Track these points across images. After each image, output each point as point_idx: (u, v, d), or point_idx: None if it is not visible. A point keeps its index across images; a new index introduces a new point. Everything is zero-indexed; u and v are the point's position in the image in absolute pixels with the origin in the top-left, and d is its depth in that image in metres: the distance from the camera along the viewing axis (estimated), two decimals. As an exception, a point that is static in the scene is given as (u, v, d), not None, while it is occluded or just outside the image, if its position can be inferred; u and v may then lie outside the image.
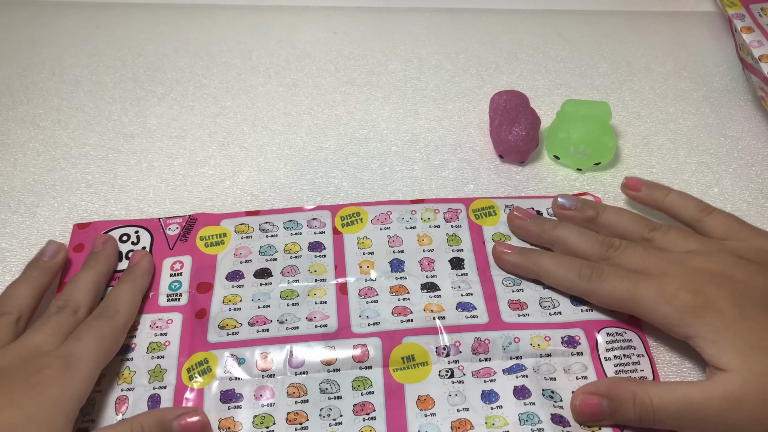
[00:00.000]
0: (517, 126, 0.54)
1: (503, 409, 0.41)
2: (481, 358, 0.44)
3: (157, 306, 0.46)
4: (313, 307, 0.46)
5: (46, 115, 0.60)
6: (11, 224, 0.52)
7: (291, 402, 0.42)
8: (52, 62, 0.65)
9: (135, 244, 0.49)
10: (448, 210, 0.51)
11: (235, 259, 0.49)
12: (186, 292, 0.47)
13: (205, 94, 0.62)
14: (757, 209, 0.54)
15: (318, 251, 0.49)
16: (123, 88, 0.63)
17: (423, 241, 0.49)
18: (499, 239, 0.50)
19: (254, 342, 0.45)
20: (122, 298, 0.44)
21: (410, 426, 0.41)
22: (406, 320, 0.45)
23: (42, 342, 0.40)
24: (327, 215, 0.51)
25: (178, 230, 0.50)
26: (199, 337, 0.45)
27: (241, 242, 0.49)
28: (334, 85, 0.63)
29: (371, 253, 0.49)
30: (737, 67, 0.65)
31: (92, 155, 0.57)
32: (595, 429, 0.41)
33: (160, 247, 0.49)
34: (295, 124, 0.60)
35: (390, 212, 0.51)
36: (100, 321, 0.42)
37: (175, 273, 0.48)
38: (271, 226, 0.50)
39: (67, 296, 0.44)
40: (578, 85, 0.64)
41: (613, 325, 0.45)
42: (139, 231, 0.50)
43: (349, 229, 0.50)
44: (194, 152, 0.57)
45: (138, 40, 0.68)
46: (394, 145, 0.58)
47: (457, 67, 0.65)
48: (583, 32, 0.69)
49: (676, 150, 0.58)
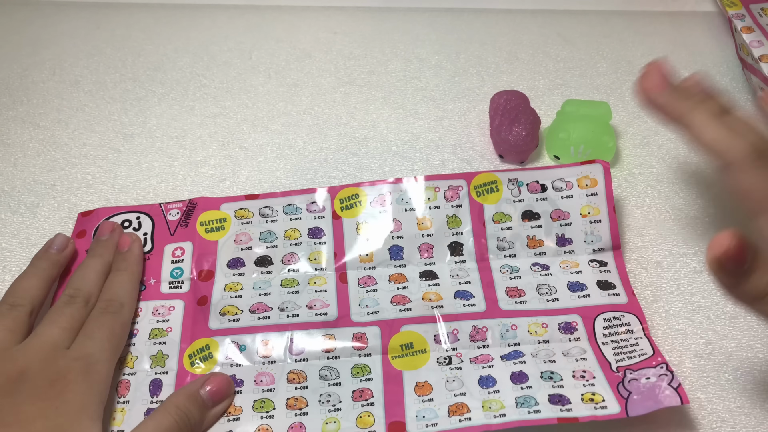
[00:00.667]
0: (517, 126, 0.54)
1: (500, 393, 0.41)
2: (479, 345, 0.44)
3: (159, 293, 0.47)
4: (314, 295, 0.47)
5: (46, 115, 0.60)
6: (11, 224, 0.52)
7: (291, 388, 0.43)
8: (52, 62, 0.65)
9: (137, 230, 0.49)
10: (449, 188, 0.50)
11: (236, 246, 0.49)
12: (188, 279, 0.47)
13: (205, 94, 0.62)
14: (757, 209, 0.54)
15: (318, 237, 0.49)
16: (123, 88, 0.63)
17: (423, 225, 0.49)
18: (501, 219, 0.49)
19: (255, 329, 0.45)
20: (124, 289, 0.45)
21: (408, 411, 0.41)
22: (405, 309, 0.46)
23: (58, 337, 0.40)
24: (326, 197, 0.50)
25: (179, 215, 0.50)
26: (200, 324, 0.45)
27: (242, 228, 0.49)
28: (334, 85, 0.63)
29: (369, 239, 0.49)
30: (737, 67, 0.65)
31: (92, 155, 0.57)
32: (598, 399, 0.40)
33: (161, 233, 0.49)
34: (295, 124, 0.60)
35: (389, 193, 0.50)
36: (108, 317, 0.42)
37: (176, 260, 0.48)
38: (270, 211, 0.50)
39: (77, 285, 0.44)
40: (578, 85, 0.64)
41: (611, 310, 0.46)
42: (141, 217, 0.50)
43: (348, 212, 0.49)
44: (194, 152, 0.57)
45: (138, 40, 0.68)
46: (394, 145, 0.58)
47: (457, 67, 0.65)
48: (583, 32, 0.69)
49: (676, 150, 0.58)
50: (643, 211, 0.53)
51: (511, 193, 0.49)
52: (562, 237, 0.49)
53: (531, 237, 0.49)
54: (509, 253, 0.49)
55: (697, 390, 0.44)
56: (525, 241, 0.49)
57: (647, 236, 0.52)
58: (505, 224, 0.49)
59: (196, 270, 0.48)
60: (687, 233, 0.52)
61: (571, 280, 0.47)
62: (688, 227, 0.52)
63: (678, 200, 0.54)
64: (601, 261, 0.48)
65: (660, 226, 0.52)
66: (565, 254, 0.49)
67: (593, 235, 0.48)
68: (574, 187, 0.49)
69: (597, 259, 0.48)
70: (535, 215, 0.49)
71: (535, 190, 0.49)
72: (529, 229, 0.49)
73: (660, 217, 0.53)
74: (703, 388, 0.44)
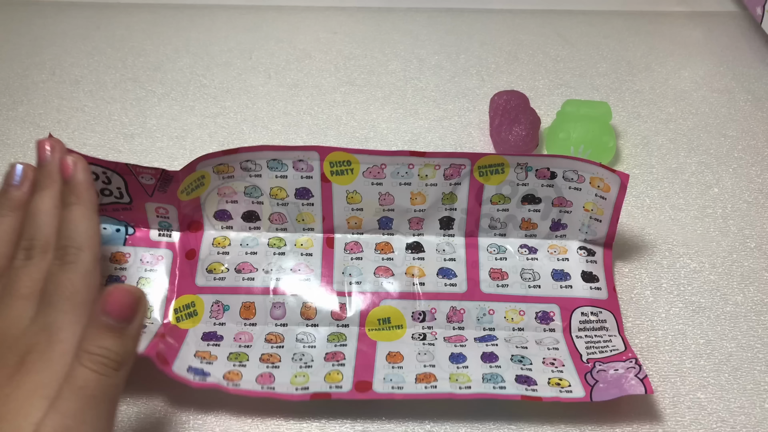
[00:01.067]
0: (517, 126, 0.54)
1: (469, 369, 0.42)
2: (455, 326, 0.45)
3: (148, 240, 0.47)
4: (299, 258, 0.47)
5: (46, 115, 0.60)
6: (11, 224, 0.52)
7: (267, 346, 0.44)
8: (52, 62, 0.65)
9: (107, 183, 0.45)
10: (450, 166, 0.47)
11: (220, 198, 0.48)
12: (177, 230, 0.48)
13: (205, 94, 0.62)
14: (757, 209, 0.54)
15: (306, 198, 0.48)
16: (123, 88, 0.63)
17: (416, 200, 0.48)
18: (499, 201, 0.48)
19: (239, 290, 0.46)
20: (79, 229, 0.37)
21: (377, 374, 0.42)
22: (387, 283, 0.47)
23: (20, 311, 0.35)
24: (315, 157, 0.46)
25: (153, 181, 0.45)
26: (187, 278, 0.46)
27: (223, 182, 0.47)
28: (334, 85, 0.63)
29: (360, 210, 0.48)
30: (737, 67, 0.65)
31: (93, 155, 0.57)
32: (564, 384, 0.41)
33: (137, 192, 0.45)
34: (295, 124, 0.60)
35: (384, 165, 0.47)
36: (65, 272, 0.36)
37: (161, 216, 0.47)
38: (253, 165, 0.47)
39: (30, 234, 0.37)
40: (578, 85, 0.64)
41: (590, 305, 0.46)
42: (108, 173, 0.44)
43: (338, 178, 0.47)
44: (194, 152, 0.57)
45: (138, 40, 0.68)
46: (394, 145, 0.58)
47: (457, 67, 0.65)
48: (583, 32, 0.69)
49: (677, 150, 0.58)
50: (643, 211, 0.53)
51: (517, 176, 0.47)
52: (557, 222, 0.49)
53: (526, 219, 0.49)
54: (499, 232, 0.49)
55: (697, 390, 0.44)
56: (519, 222, 0.49)
57: (647, 236, 0.52)
58: (502, 206, 0.48)
59: (185, 223, 0.48)
60: (687, 233, 0.52)
61: (556, 267, 0.48)
62: (688, 227, 0.52)
63: (678, 200, 0.54)
64: (590, 250, 0.49)
65: (660, 226, 0.52)
66: (555, 238, 0.49)
67: (590, 228, 0.48)
68: (585, 182, 0.47)
69: (586, 247, 0.49)
70: (536, 200, 0.48)
71: (544, 176, 0.47)
72: (526, 212, 0.48)
73: (660, 217, 0.53)
74: (703, 388, 0.44)
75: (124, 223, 0.47)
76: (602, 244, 0.48)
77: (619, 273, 0.50)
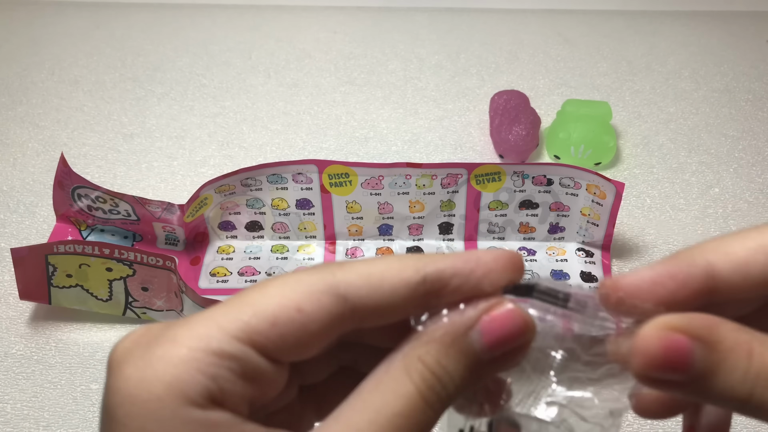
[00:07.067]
0: (518, 126, 0.54)
1: None
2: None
3: (155, 247, 0.47)
4: (301, 263, 0.48)
5: (46, 115, 0.60)
6: (11, 224, 0.52)
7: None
8: (52, 62, 0.65)
9: (114, 206, 0.46)
10: (447, 175, 0.48)
11: (223, 211, 0.49)
12: (183, 240, 0.48)
13: (204, 94, 0.62)
14: (758, 209, 0.53)
15: (306, 209, 0.49)
16: (123, 88, 0.63)
17: (414, 207, 0.49)
18: (497, 207, 0.49)
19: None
20: None
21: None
22: None
23: None
24: (313, 170, 0.48)
25: (159, 209, 0.47)
26: (190, 282, 0.46)
27: (225, 198, 0.48)
28: (334, 85, 0.63)
29: (360, 218, 0.49)
30: (737, 67, 0.65)
31: (92, 155, 0.57)
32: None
33: (145, 216, 0.47)
34: (295, 124, 0.60)
35: (382, 177, 0.48)
36: None
37: (168, 231, 0.48)
38: (253, 181, 0.48)
39: None
40: (578, 85, 0.64)
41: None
42: (116, 200, 0.46)
43: (337, 189, 0.48)
44: (194, 152, 0.57)
45: (138, 40, 0.68)
46: (394, 145, 0.58)
47: (457, 67, 0.65)
48: (583, 32, 0.69)
49: (677, 150, 0.58)
50: (643, 211, 0.53)
51: (514, 183, 0.48)
52: (555, 225, 0.49)
53: (524, 224, 0.49)
54: (498, 236, 0.49)
55: (697, 390, 0.43)
56: (517, 226, 0.49)
57: (647, 236, 0.52)
58: (500, 212, 0.49)
59: (191, 237, 0.48)
60: (687, 233, 0.52)
61: (555, 268, 0.48)
62: (688, 227, 0.52)
63: (678, 200, 0.54)
64: (588, 251, 0.49)
65: (660, 226, 0.52)
66: (554, 240, 0.49)
67: (587, 231, 0.49)
68: (582, 189, 0.48)
69: (585, 248, 0.49)
70: (534, 205, 0.49)
71: (540, 183, 0.48)
72: (524, 216, 0.49)
73: (660, 217, 0.53)
74: (704, 388, 0.44)
75: (132, 233, 0.48)
76: (600, 247, 0.49)
77: (619, 273, 0.49)
